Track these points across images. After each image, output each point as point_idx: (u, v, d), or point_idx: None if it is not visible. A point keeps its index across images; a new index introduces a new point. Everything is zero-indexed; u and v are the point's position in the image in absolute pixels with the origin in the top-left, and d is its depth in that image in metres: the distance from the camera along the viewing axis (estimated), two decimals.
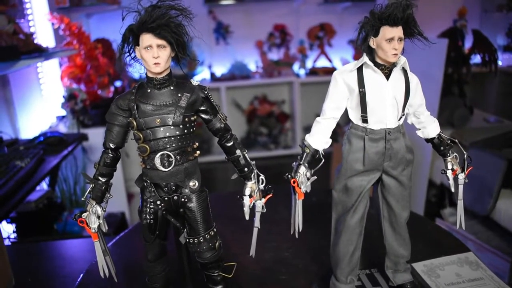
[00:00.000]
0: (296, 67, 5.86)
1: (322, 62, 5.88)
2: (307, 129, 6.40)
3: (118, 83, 4.61)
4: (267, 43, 5.75)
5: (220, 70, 5.76)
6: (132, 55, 1.08)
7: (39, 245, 1.96)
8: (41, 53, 3.02)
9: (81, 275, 1.51)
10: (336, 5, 5.77)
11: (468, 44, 3.96)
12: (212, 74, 5.60)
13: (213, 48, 5.66)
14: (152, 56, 1.03)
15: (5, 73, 3.13)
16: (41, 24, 3.97)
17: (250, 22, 5.82)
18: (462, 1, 5.64)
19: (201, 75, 5.57)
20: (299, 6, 5.80)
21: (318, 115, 1.24)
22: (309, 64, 5.87)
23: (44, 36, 4.05)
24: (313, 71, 5.72)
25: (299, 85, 5.66)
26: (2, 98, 3.20)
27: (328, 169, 3.86)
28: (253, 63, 5.85)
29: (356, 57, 5.74)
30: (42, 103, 3.90)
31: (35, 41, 3.12)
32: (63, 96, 3.81)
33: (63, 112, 3.87)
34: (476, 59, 3.83)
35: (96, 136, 3.65)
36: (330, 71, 5.68)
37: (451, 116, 3.73)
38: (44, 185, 3.17)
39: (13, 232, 2.65)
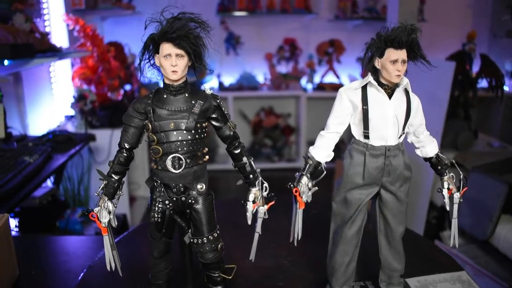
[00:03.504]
0: (304, 81, 5.92)
1: (330, 78, 5.94)
2: (312, 143, 6.39)
3: (127, 87, 4.68)
4: (276, 56, 5.82)
5: (228, 80, 5.84)
6: (151, 61, 1.14)
7: (43, 239, 2.00)
8: (55, 52, 3.09)
9: (84, 270, 1.56)
10: (346, 22, 5.84)
11: (475, 68, 4.00)
12: (221, 84, 5.68)
13: (223, 58, 5.74)
14: (171, 64, 1.10)
15: (19, 70, 3.20)
16: (56, 24, 4.05)
17: (261, 34, 5.90)
18: (471, 25, 5.70)
19: (209, 84, 5.64)
20: (310, 21, 5.88)
21: (323, 130, 1.30)
22: (317, 79, 5.93)
23: (59, 36, 4.13)
24: (321, 86, 5.78)
25: (306, 99, 5.72)
26: (13, 95, 3.26)
27: (330, 184, 3.89)
28: (261, 75, 5.91)
29: (364, 74, 5.78)
30: (52, 102, 3.97)
31: (50, 41, 3.19)
32: (73, 96, 3.88)
33: (72, 112, 3.93)
34: (483, 83, 3.87)
35: (103, 137, 3.71)
36: (337, 87, 5.69)
37: (455, 139, 3.74)
38: (48, 182, 3.22)
39: (16, 226, 2.69)
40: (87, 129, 3.70)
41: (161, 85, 1.18)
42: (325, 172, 1.26)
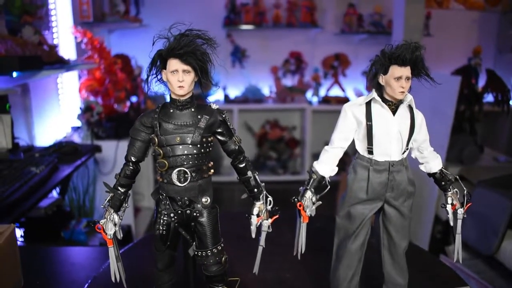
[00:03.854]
0: (309, 94, 5.95)
1: (335, 92, 5.96)
2: (316, 156, 6.38)
3: (134, 99, 4.71)
4: (282, 69, 5.85)
5: (234, 92, 5.86)
6: (158, 76, 1.16)
7: (48, 250, 2.01)
8: (63, 64, 3.13)
9: (89, 281, 1.56)
10: (352, 36, 5.88)
11: (481, 82, 4.00)
12: (226, 96, 5.71)
13: (229, 71, 5.77)
14: (177, 80, 1.12)
15: (27, 81, 3.23)
16: (64, 37, 4.09)
17: (266, 47, 5.94)
18: (477, 40, 5.72)
19: (215, 96, 5.67)
20: (316, 35, 5.91)
21: (328, 143, 1.31)
22: (322, 92, 5.95)
23: (67, 48, 4.17)
24: (326, 100, 5.80)
25: (311, 112, 5.74)
26: (21, 106, 3.29)
27: (334, 197, 3.89)
28: (267, 88, 5.94)
29: (369, 88, 5.80)
30: (59, 113, 4.00)
31: (58, 53, 3.23)
32: (80, 108, 3.91)
33: (78, 123, 3.96)
34: (489, 98, 3.87)
35: (109, 148, 3.73)
36: (342, 100, 5.75)
37: (460, 153, 3.73)
38: (54, 193, 3.23)
39: (21, 236, 2.70)
40: (93, 140, 3.72)
41: (168, 98, 1.20)
42: (329, 187, 1.27)
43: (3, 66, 2.25)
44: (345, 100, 5.80)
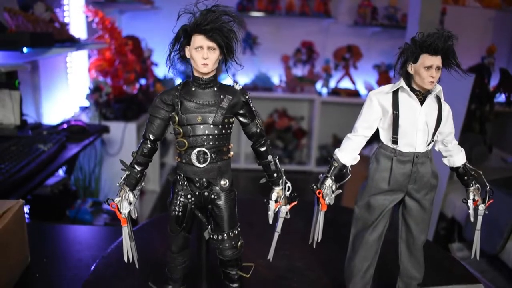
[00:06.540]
0: (319, 85, 5.91)
1: (346, 84, 5.92)
2: (323, 148, 6.35)
3: (143, 81, 4.69)
4: (293, 58, 5.82)
5: (243, 79, 5.82)
6: (181, 53, 1.13)
7: (55, 227, 1.99)
8: (74, 43, 3.11)
9: (97, 261, 1.55)
10: (365, 28, 5.83)
11: (493, 82, 3.96)
12: (235, 83, 5.66)
13: (239, 57, 5.72)
14: (202, 57, 1.08)
15: (37, 58, 3.21)
16: (76, 15, 4.07)
17: (278, 36, 5.89)
18: (492, 39, 5.66)
19: (223, 82, 5.64)
20: (329, 26, 5.87)
21: (335, 135, 1.28)
22: (332, 83, 5.91)
23: (78, 27, 4.14)
24: (336, 91, 5.77)
25: (320, 103, 5.71)
26: (30, 83, 3.28)
27: (342, 188, 3.86)
28: (276, 77, 5.91)
29: (380, 82, 5.78)
30: (67, 92, 3.98)
31: (69, 31, 3.20)
32: (89, 88, 3.89)
33: (86, 103, 3.95)
34: (501, 98, 3.83)
35: (116, 130, 3.72)
36: (352, 93, 5.72)
37: (469, 153, 3.71)
38: (60, 172, 3.23)
39: (27, 213, 2.69)
40: (101, 121, 3.71)
41: (177, 81, 1.16)
42: (350, 176, 1.24)
43: (13, 41, 2.22)
44: (355, 93, 5.76)
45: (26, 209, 2.70)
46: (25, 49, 2.26)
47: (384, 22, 5.68)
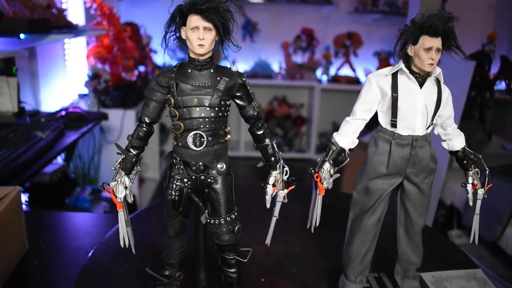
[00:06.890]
0: (319, 72, 5.87)
1: (346, 71, 5.89)
2: (323, 135, 6.32)
3: (142, 68, 4.66)
4: (293, 45, 5.77)
5: (243, 67, 5.79)
6: (177, 34, 1.11)
7: (53, 215, 1.99)
8: (71, 29, 3.08)
9: (95, 247, 1.54)
10: (366, 15, 5.78)
11: (494, 69, 3.93)
12: (232, 65, 5.63)
13: (238, 44, 5.69)
14: (198, 37, 1.06)
15: (34, 45, 3.18)
16: (73, 1, 4.03)
17: (278, 22, 5.84)
18: (493, 26, 5.61)
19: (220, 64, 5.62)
20: (329, 13, 5.82)
21: (335, 123, 1.27)
22: (332, 71, 5.88)
23: (76, 13, 4.11)
24: (335, 79, 5.74)
25: (320, 90, 5.68)
26: (27, 70, 3.25)
27: (341, 173, 3.86)
28: (276, 64, 5.87)
29: (380, 68, 5.73)
30: (65, 79, 3.96)
31: (67, 17, 3.17)
32: (87, 75, 3.87)
33: (85, 90, 3.92)
34: (501, 85, 3.81)
35: (115, 117, 3.70)
36: (352, 80, 5.69)
37: (468, 140, 3.67)
38: (59, 159, 3.22)
39: (25, 201, 2.69)
40: (100, 108, 3.69)
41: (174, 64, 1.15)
42: (348, 159, 1.23)
43: (11, 27, 2.20)
44: (355, 80, 5.73)
45: (25, 197, 2.69)
46: (22, 35, 2.24)
47: (384, 9, 5.64)
